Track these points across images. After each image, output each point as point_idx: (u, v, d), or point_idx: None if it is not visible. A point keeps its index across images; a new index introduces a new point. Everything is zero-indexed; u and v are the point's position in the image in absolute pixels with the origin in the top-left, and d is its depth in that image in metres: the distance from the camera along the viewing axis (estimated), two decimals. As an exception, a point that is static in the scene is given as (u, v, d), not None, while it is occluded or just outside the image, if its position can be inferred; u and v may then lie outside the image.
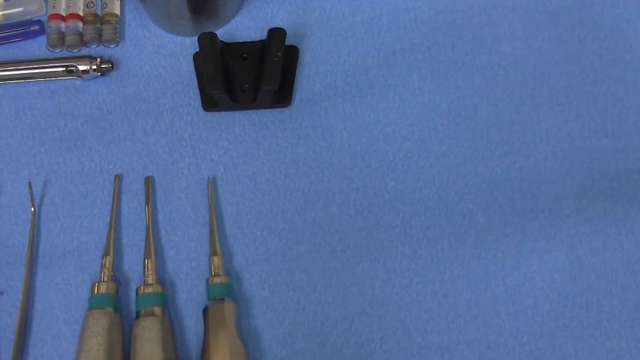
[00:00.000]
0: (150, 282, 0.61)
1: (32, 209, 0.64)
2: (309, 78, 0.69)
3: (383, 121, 0.67)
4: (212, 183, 0.65)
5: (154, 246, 0.62)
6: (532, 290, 0.62)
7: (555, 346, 0.60)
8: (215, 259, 0.61)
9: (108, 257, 0.62)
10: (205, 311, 0.60)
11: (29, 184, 0.65)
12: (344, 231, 0.63)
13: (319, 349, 0.60)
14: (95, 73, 0.68)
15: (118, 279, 0.62)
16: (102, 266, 0.61)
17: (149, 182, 0.65)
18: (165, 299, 0.61)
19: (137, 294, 0.60)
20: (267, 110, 0.67)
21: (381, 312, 0.61)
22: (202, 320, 0.60)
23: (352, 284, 0.62)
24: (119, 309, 0.61)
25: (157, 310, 0.60)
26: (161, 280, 0.62)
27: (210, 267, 0.61)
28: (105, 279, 0.61)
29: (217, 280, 0.61)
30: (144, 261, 0.61)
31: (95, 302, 0.60)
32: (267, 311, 0.61)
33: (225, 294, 0.60)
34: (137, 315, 0.60)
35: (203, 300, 0.61)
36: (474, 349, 0.60)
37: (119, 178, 0.65)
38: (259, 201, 0.65)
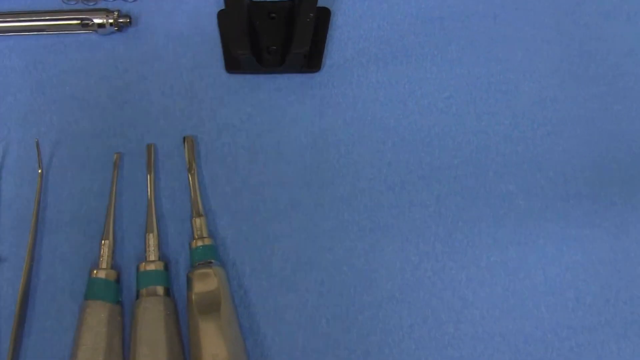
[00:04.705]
0: (152, 258, 0.54)
1: (39, 171, 0.58)
2: (341, 43, 0.62)
3: (418, 92, 0.60)
4: (192, 140, 0.58)
5: (156, 219, 0.56)
6: (574, 281, 0.55)
7: (597, 343, 0.54)
8: (198, 220, 0.55)
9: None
10: (189, 278, 0.53)
11: (37, 143, 0.58)
12: (374, 209, 0.57)
13: (343, 335, 0.54)
14: (112, 28, 0.62)
15: (118, 263, 0.56)
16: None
17: (151, 150, 0.58)
18: (169, 278, 0.54)
19: (137, 271, 0.54)
20: (295, 75, 0.61)
21: (411, 297, 0.55)
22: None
23: (380, 266, 0.56)
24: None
25: (160, 289, 0.53)
26: (164, 257, 0.55)
27: (193, 230, 0.55)
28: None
29: (200, 243, 0.54)
30: (146, 236, 0.55)
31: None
32: (289, 292, 0.55)
33: (211, 256, 0.54)
34: (138, 295, 0.53)
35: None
36: (509, 342, 0.54)
37: (119, 156, 0.58)
38: (283, 172, 0.58)
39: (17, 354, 0.53)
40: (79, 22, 0.61)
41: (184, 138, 0.58)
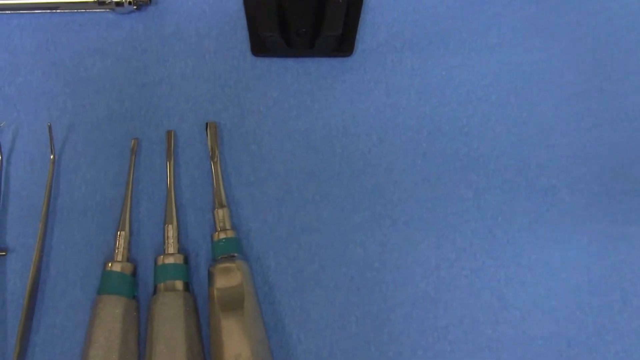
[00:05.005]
0: (171, 251, 0.52)
1: (52, 157, 0.56)
2: (374, 26, 0.59)
3: (456, 80, 0.58)
4: (215, 126, 0.56)
5: (176, 210, 0.54)
6: (620, 282, 0.53)
7: (645, 348, 0.52)
8: (220, 211, 0.53)
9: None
10: (210, 272, 0.51)
11: (49, 127, 0.56)
12: (408, 201, 0.55)
13: (374, 335, 0.52)
14: (131, 6, 0.59)
15: (134, 256, 0.53)
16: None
17: (171, 136, 0.56)
18: (188, 272, 0.52)
19: (155, 264, 0.52)
20: (325, 59, 0.58)
21: (447, 297, 0.53)
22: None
23: (414, 263, 0.53)
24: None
25: (179, 284, 0.51)
26: (184, 250, 0.53)
27: (215, 222, 0.53)
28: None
29: (222, 235, 0.52)
30: (164, 227, 0.53)
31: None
32: (316, 288, 0.53)
33: (234, 250, 0.52)
34: (155, 290, 0.51)
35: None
36: (551, 346, 0.52)
37: (136, 142, 0.56)
38: (312, 161, 0.56)
39: (24, 351, 0.51)
40: (95, -1, 0.59)
41: (207, 124, 0.56)
